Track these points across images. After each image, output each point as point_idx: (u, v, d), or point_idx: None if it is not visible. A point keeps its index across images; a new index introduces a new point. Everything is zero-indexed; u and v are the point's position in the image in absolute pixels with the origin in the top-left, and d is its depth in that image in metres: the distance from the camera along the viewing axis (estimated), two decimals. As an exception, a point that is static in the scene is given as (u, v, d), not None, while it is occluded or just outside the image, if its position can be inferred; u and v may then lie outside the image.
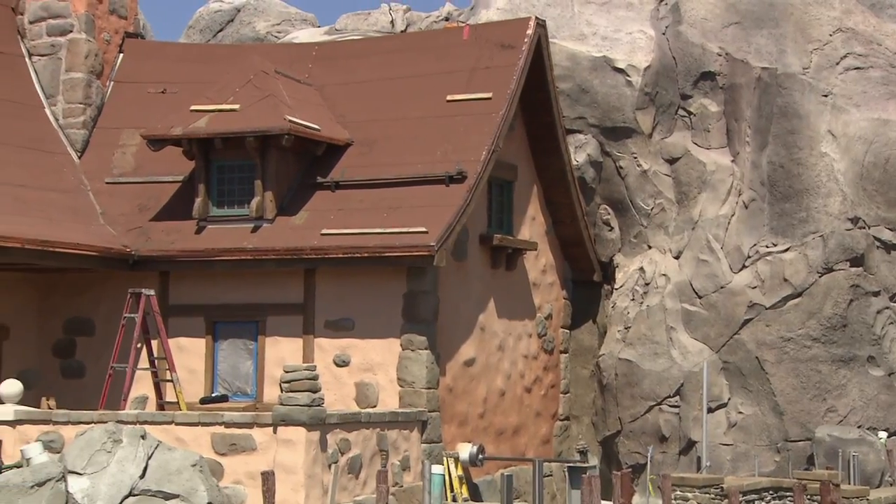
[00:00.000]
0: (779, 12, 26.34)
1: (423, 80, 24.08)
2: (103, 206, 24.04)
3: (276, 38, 33.03)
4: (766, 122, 25.76)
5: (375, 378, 21.78)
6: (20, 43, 25.76)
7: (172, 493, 13.19)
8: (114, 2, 26.28)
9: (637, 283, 26.69)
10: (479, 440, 22.65)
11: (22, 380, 20.49)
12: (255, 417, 18.84)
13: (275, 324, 22.50)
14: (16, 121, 24.45)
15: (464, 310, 22.95)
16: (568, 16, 27.72)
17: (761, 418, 24.86)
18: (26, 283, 23.59)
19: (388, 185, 22.55)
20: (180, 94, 24.49)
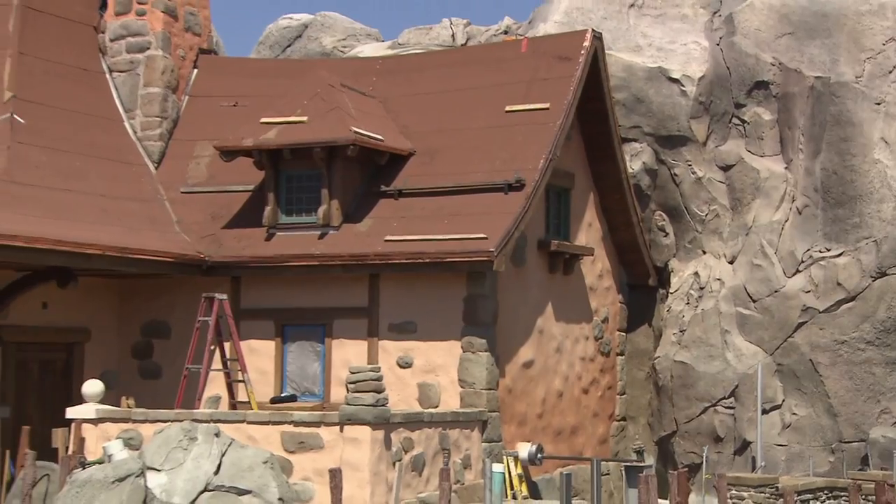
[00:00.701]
0: (832, 23, 25.95)
1: (483, 91, 24.00)
2: (178, 215, 24.22)
3: (342, 52, 33.21)
4: (819, 130, 25.37)
5: (437, 379, 21.74)
6: (101, 60, 26.00)
7: (245, 489, 13.27)
8: (189, 20, 26.49)
9: (692, 287, 26.46)
10: (537, 440, 22.51)
11: (103, 380, 20.58)
12: (322, 417, 18.87)
13: (341, 327, 22.53)
14: (97, 134, 24.71)
15: (522, 313, 22.84)
16: (624, 28, 27.60)
17: (815, 419, 24.49)
18: (106, 288, 23.79)
19: (449, 193, 22.52)
20: (251, 107, 24.59)
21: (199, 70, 26.55)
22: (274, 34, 35.28)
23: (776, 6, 26.47)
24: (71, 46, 25.26)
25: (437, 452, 19.82)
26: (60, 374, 22.86)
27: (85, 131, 24.29)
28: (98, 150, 24.25)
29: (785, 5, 26.41)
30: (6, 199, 20.64)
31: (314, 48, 33.85)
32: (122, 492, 12.87)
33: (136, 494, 12.90)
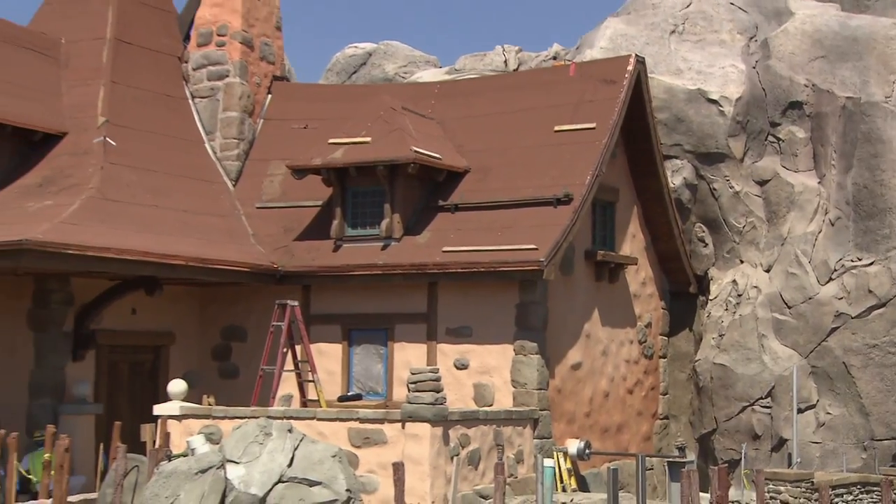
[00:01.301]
0: (862, 46, 25.93)
1: (533, 112, 24.03)
2: (254, 228, 24.53)
3: (403, 78, 33.43)
4: (850, 147, 25.29)
5: (491, 380, 21.80)
6: (185, 87, 26.44)
7: (316, 481, 13.29)
8: (263, 49, 26.84)
9: (730, 294, 26.37)
10: (585, 436, 22.52)
11: (186, 380, 20.91)
12: (385, 414, 19.02)
13: (402, 331, 22.67)
14: (181, 154, 25.11)
15: (570, 319, 22.87)
16: (665, 53, 27.57)
17: (848, 419, 24.35)
18: (189, 295, 24.11)
19: (502, 207, 22.56)
20: (320, 129, 24.77)
21: (272, 95, 26.88)
22: (341, 62, 35.49)
23: (809, 32, 26.48)
24: (158, 75, 25.71)
25: (491, 448, 19.89)
26: (148, 375, 23.22)
27: (170, 152, 24.71)
28: (181, 169, 24.65)
29: (817, 31, 26.42)
30: (100, 215, 21.03)
31: (377, 74, 34.08)
32: (205, 482, 12.94)
33: (216, 485, 12.94)
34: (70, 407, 20.84)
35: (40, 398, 20.70)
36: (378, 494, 17.50)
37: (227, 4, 26.17)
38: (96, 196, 21.53)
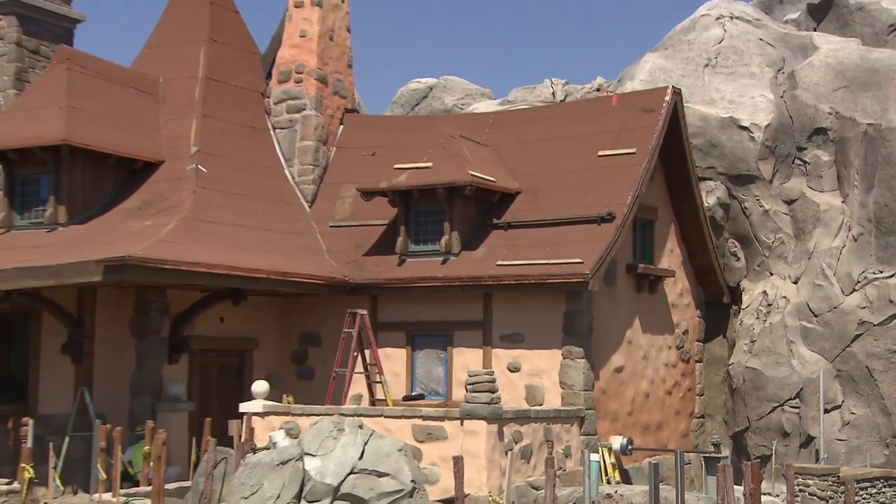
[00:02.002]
0: (882, 77, 25.81)
1: (579, 139, 24.04)
2: (327, 245, 24.74)
3: (461, 109, 33.44)
4: (871, 169, 25.16)
5: (541, 382, 21.85)
6: (266, 119, 26.75)
7: (384, 472, 13.24)
8: (336, 85, 27.09)
9: (761, 304, 26.27)
10: (628, 433, 22.52)
11: (268, 381, 21.14)
12: (445, 412, 19.19)
13: (460, 337, 22.76)
14: (263, 179, 25.39)
15: (613, 326, 22.90)
16: (700, 84, 27.53)
17: (871, 418, 24.20)
18: (270, 305, 24.30)
19: (550, 224, 22.60)
20: (386, 156, 24.90)
21: (344, 126, 27.07)
22: (405, 95, 35.58)
23: (832, 64, 26.39)
24: (243, 109, 26.08)
25: (542, 443, 20.01)
26: (234, 376, 23.43)
27: (254, 177, 25.01)
28: (264, 192, 24.93)
29: (840, 63, 26.31)
30: (192, 234, 21.35)
31: (438, 106, 34.14)
32: (285, 473, 13.01)
33: (296, 475, 13.00)
34: (166, 405, 21.13)
35: (140, 397, 20.99)
36: (439, 485, 17.52)
37: (305, 46, 26.43)
38: (189, 217, 21.85)
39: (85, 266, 18.89)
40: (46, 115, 22.79)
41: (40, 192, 22.88)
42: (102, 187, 23.22)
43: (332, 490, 13.00)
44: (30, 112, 23.32)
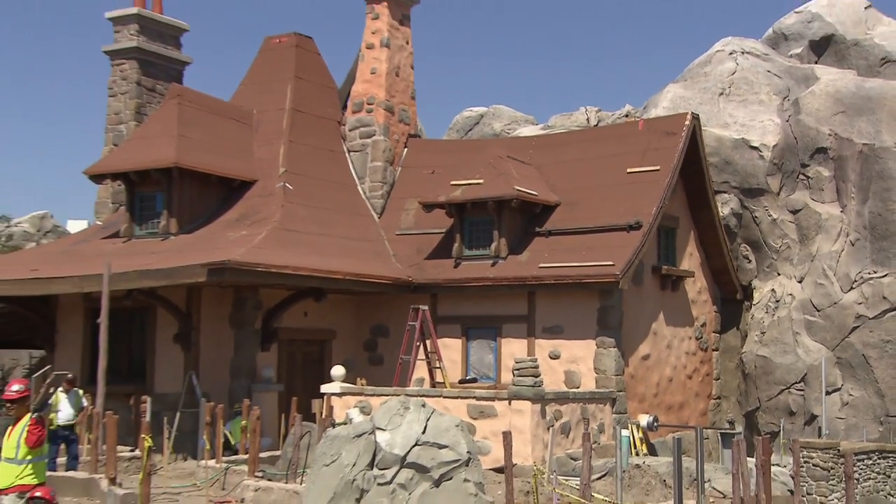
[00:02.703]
0: (875, 104, 25.59)
1: (610, 158, 23.99)
2: (394, 250, 24.87)
3: (508, 133, 33.27)
4: (866, 183, 24.95)
5: (578, 367, 21.86)
6: (342, 144, 27.00)
7: (443, 444, 13.18)
8: (401, 114, 27.23)
9: (770, 300, 26.12)
10: (654, 412, 22.49)
11: (344, 366, 21.27)
12: (496, 394, 19.22)
13: (508, 329, 22.79)
14: (340, 195, 25.64)
15: (641, 319, 22.85)
16: (715, 110, 27.39)
17: (867, 399, 23.98)
18: (346, 301, 24.41)
19: (585, 232, 22.58)
20: (444, 174, 24.95)
21: (408, 149, 27.22)
22: (459, 122, 35.54)
23: (831, 92, 26.21)
24: (323, 135, 26.40)
25: (579, 421, 20.03)
26: (316, 362, 23.55)
27: (332, 193, 25.26)
28: (340, 206, 25.18)
29: (838, 91, 26.13)
30: (281, 241, 21.65)
31: (488, 131, 34.04)
32: (360, 444, 12.91)
33: (368, 447, 12.90)
34: (259, 386, 21.36)
35: (238, 379, 21.25)
36: (491, 456, 17.56)
37: (375, 81, 26.64)
38: (278, 227, 22.16)
39: (192, 269, 19.24)
40: (160, 143, 23.24)
41: (155, 207, 23.36)
42: (206, 202, 23.65)
43: (399, 459, 12.85)
44: (147, 140, 23.82)
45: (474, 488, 13.05)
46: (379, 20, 26.81)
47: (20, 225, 39.54)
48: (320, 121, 26.62)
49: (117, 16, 27.94)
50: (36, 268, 22.32)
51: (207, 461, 18.00)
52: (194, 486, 16.71)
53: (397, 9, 27.11)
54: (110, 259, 19.90)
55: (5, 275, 22.38)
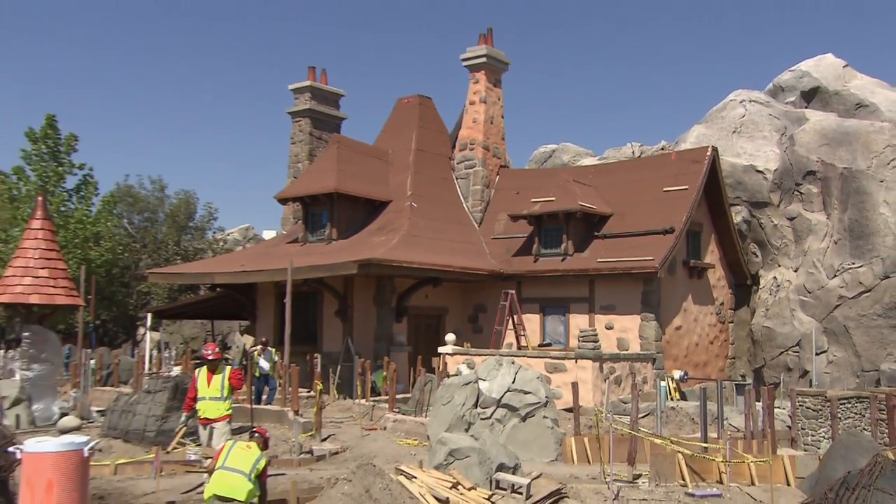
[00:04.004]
0: (852, 137, 24.57)
1: (650, 180, 23.68)
2: (489, 250, 24.81)
3: (573, 163, 32.72)
4: (845, 197, 23.99)
5: (627, 335, 21.64)
6: (452, 173, 27.03)
7: (528, 391, 13.27)
8: (495, 150, 27.18)
9: (772, 285, 25.39)
10: (684, 368, 22.11)
11: (454, 334, 21.52)
12: (565, 354, 19.25)
13: (574, 307, 22.69)
14: (451, 210, 25.71)
15: (674, 300, 22.49)
16: (730, 144, 26.67)
17: (848, 359, 23.09)
18: (455, 287, 24.52)
19: (632, 235, 22.32)
20: (525, 194, 24.89)
21: (499, 176, 27.17)
22: (537, 155, 35.19)
23: (818, 129, 25.31)
24: (438, 168, 26.53)
25: (628, 374, 19.89)
26: (434, 330, 23.76)
27: (444, 210, 25.36)
28: (451, 219, 25.25)
29: (824, 129, 25.22)
30: (409, 245, 21.87)
31: (558, 162, 33.51)
32: (467, 390, 13.13)
33: (473, 392, 13.11)
34: (395, 347, 21.71)
35: (380, 343, 21.58)
36: (562, 400, 17.59)
37: (475, 128, 26.66)
38: (407, 234, 22.42)
39: (347, 264, 19.61)
40: (326, 176, 23.82)
41: (322, 221, 23.98)
42: (357, 217, 24.09)
43: (496, 401, 13.11)
44: (316, 174, 24.45)
45: (551, 423, 13.11)
46: (479, 84, 26.84)
47: (232, 234, 40.91)
48: (436, 157, 26.79)
49: (296, 87, 28.75)
50: (243, 264, 23.15)
51: (360, 400, 18.35)
52: (351, 417, 17.05)
53: (492, 75, 27.10)
54: (292, 258, 20.43)
55: (223, 269, 23.29)
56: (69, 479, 3.23)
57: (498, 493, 9.16)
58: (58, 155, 30.00)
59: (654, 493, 9.81)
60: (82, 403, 15.62)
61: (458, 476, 8.94)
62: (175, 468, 10.77)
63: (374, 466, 8.37)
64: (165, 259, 33.08)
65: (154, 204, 35.27)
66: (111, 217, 31.72)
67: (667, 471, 10.77)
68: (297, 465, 11.83)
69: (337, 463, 12.13)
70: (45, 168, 29.61)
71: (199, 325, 31.98)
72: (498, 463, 9.81)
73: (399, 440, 14.13)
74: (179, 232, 34.87)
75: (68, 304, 15.12)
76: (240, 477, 7.42)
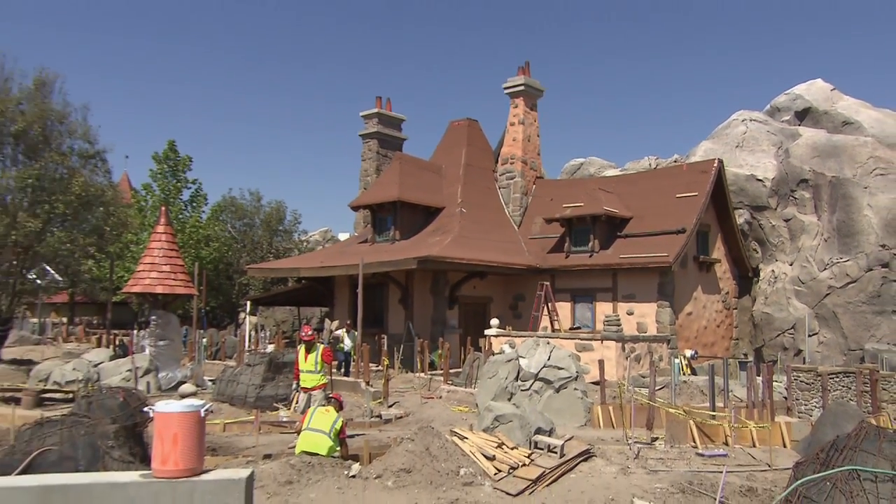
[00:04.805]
0: (839, 150, 23.84)
1: (665, 188, 23.23)
2: (527, 248, 24.56)
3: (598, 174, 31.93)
4: (834, 201, 23.22)
5: (646, 320, 21.28)
6: (495, 184, 26.81)
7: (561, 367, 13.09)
8: (532, 164, 26.92)
9: (771, 277, 24.68)
10: (695, 348, 21.67)
11: (497, 319, 21.27)
12: (593, 336, 18.97)
13: (600, 296, 22.37)
14: (494, 215, 25.48)
15: (686, 290, 22.04)
16: (734, 156, 25.99)
17: (836, 340, 22.34)
18: (498, 279, 24.35)
19: (650, 235, 21.93)
20: (558, 201, 24.68)
21: (536, 186, 26.93)
22: (567, 168, 34.36)
23: (810, 144, 24.63)
24: (483, 179, 26.34)
25: (646, 353, 19.50)
26: (481, 316, 23.62)
27: (489, 214, 25.19)
28: (494, 222, 25.04)
29: (815, 143, 24.53)
30: (460, 244, 21.74)
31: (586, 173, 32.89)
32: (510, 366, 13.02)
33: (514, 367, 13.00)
34: (448, 330, 21.65)
35: (436, 326, 21.57)
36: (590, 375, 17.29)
37: (515, 145, 26.46)
38: (458, 235, 22.32)
39: (409, 261, 19.64)
40: (390, 187, 23.91)
41: (387, 224, 24.08)
42: (416, 221, 24.10)
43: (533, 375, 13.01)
44: (382, 186, 24.55)
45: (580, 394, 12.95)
46: (518, 108, 26.62)
47: (313, 236, 41.45)
48: (482, 170, 26.64)
49: (366, 114, 28.98)
50: (323, 261, 23.44)
51: (419, 373, 18.38)
52: (412, 388, 17.11)
53: (529, 101, 26.84)
54: (363, 255, 20.71)
55: (306, 265, 23.64)
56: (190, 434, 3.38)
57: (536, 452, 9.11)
58: (176, 173, 31.10)
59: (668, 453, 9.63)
60: (197, 373, 16.06)
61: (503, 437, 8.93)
62: (270, 428, 11.00)
63: (433, 428, 8.41)
64: (260, 256, 33.78)
65: (252, 212, 36.01)
66: (218, 223, 32.76)
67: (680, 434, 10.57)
68: (368, 426, 11.96)
69: (401, 425, 12.21)
70: (166, 183, 30.82)
71: (288, 310, 32.52)
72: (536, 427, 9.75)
73: (452, 407, 14.13)
74: (272, 234, 35.54)
75: (185, 293, 15.56)
76: (321, 436, 7.57)
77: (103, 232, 17.74)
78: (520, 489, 7.30)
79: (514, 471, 7.77)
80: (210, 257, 30.36)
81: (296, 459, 7.32)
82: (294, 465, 7.14)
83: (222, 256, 31.96)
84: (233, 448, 9.68)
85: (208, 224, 31.57)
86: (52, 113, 16.47)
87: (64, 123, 16.63)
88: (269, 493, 6.60)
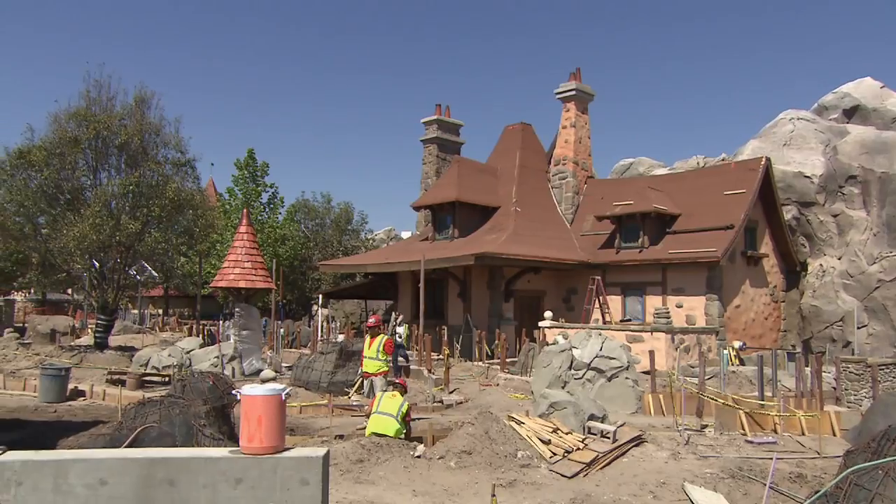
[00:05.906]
0: (889, 147, 22.64)
1: (713, 186, 22.41)
2: (579, 244, 24.16)
3: (648, 173, 31.12)
4: (883, 196, 22.07)
5: (694, 312, 20.65)
6: (548, 184, 26.44)
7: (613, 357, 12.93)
8: (583, 165, 26.45)
9: (818, 271, 23.53)
10: (743, 340, 20.89)
11: (551, 311, 21.30)
12: (643, 328, 18.59)
13: (649, 290, 21.81)
14: (547, 214, 25.16)
15: (734, 283, 21.27)
16: (781, 155, 24.83)
17: (885, 332, 21.27)
18: (551, 274, 24.00)
19: (699, 231, 21.27)
20: (609, 199, 24.17)
21: (587, 185, 26.46)
22: (618, 168, 33.34)
23: (859, 140, 23.38)
24: (536, 179, 26.02)
25: (695, 344, 18.91)
26: (535, 309, 23.35)
27: (543, 212, 24.88)
28: (547, 220, 24.73)
29: (864, 140, 23.30)
30: (515, 241, 21.61)
31: (635, 172, 32.14)
32: (563, 356, 12.91)
33: (567, 357, 12.87)
34: (504, 322, 21.50)
35: (493, 318, 21.46)
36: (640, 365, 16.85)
37: (567, 147, 26.06)
38: (513, 233, 22.18)
39: (467, 257, 19.66)
40: (449, 188, 23.96)
41: (447, 223, 24.15)
42: (473, 220, 24.05)
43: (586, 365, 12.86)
44: (442, 187, 24.61)
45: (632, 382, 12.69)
46: (569, 112, 26.20)
47: (378, 235, 42.01)
48: (535, 171, 26.33)
49: (427, 120, 29.09)
50: (387, 257, 23.74)
51: (477, 362, 18.42)
52: (471, 376, 17.15)
53: (580, 105, 26.40)
54: (424, 252, 20.86)
55: (372, 261, 24.00)
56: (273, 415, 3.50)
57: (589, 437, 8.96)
58: (255, 178, 32.16)
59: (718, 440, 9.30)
60: (275, 361, 16.52)
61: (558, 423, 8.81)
62: (341, 411, 11.21)
63: (491, 413, 8.38)
64: (331, 254, 34.48)
65: (323, 213, 36.80)
66: (293, 223, 33.63)
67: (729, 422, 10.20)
68: (431, 411, 12.03)
69: (462, 410, 12.24)
70: (247, 188, 31.89)
71: (356, 303, 33.09)
72: (589, 413, 9.59)
73: (509, 394, 14.10)
74: (341, 233, 36.22)
75: (265, 287, 16.03)
76: (389, 419, 7.67)
77: (193, 232, 18.47)
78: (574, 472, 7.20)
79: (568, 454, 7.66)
80: (286, 255, 31.24)
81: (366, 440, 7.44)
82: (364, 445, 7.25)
83: (297, 254, 32.80)
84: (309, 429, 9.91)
85: (284, 224, 32.57)
86: (150, 126, 17.25)
87: (159, 135, 17.42)
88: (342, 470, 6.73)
